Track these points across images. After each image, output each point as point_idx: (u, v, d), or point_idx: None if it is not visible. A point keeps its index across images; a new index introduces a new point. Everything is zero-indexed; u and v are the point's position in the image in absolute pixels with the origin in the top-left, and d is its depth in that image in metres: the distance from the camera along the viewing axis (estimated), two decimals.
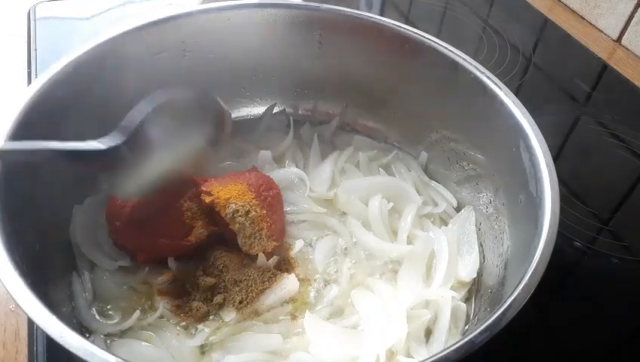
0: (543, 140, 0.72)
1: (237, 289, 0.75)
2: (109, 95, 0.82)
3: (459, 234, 0.85)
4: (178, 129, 0.71)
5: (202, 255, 0.79)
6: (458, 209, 0.91)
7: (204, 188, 0.78)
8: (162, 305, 0.74)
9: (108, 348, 0.69)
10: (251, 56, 0.96)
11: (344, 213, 0.89)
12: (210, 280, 0.75)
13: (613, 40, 1.40)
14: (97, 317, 0.73)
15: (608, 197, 1.02)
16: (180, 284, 0.77)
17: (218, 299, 0.74)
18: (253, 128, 1.02)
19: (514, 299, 0.57)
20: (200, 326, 0.73)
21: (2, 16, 1.31)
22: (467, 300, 0.79)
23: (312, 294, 0.78)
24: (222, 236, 0.80)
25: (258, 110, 1.04)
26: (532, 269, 0.59)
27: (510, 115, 0.76)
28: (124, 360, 0.49)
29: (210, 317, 0.74)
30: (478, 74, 0.82)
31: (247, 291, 0.74)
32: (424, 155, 0.97)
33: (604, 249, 0.92)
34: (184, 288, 0.76)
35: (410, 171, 0.97)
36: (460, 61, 0.84)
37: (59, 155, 0.63)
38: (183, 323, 0.73)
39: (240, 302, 0.74)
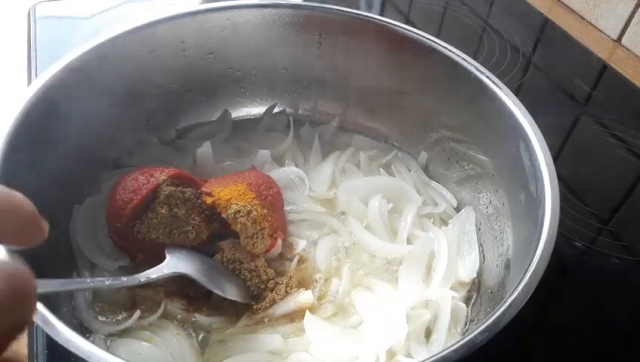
0: (543, 140, 0.72)
1: (262, 293, 0.76)
2: (108, 95, 0.83)
3: (459, 234, 0.85)
4: None
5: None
6: (458, 209, 0.91)
7: (204, 189, 0.78)
8: (168, 304, 0.74)
9: (108, 348, 0.69)
10: (251, 56, 0.96)
11: (344, 213, 0.89)
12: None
13: (613, 40, 1.40)
14: (97, 317, 0.73)
15: (608, 197, 1.02)
16: (182, 283, 0.77)
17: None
18: (253, 128, 1.02)
19: (514, 299, 0.57)
20: (200, 326, 0.73)
21: (2, 16, 1.31)
22: (467, 300, 0.79)
23: (313, 293, 0.78)
24: (222, 235, 0.80)
25: (258, 110, 1.04)
26: (532, 269, 0.59)
27: (510, 115, 0.76)
28: (124, 360, 0.49)
29: (225, 309, 0.74)
30: (478, 74, 0.82)
31: (267, 300, 0.75)
32: (424, 155, 0.97)
33: (604, 249, 0.92)
34: (187, 286, 0.76)
35: (410, 171, 0.97)
36: (460, 61, 0.84)
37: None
38: (184, 324, 0.73)
39: (256, 310, 0.74)
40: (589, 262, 0.91)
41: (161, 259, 0.78)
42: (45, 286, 0.55)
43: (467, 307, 0.78)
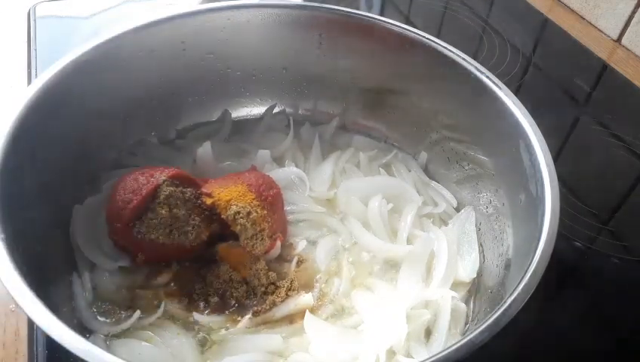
0: (543, 140, 0.72)
1: (262, 296, 0.76)
2: (108, 95, 0.83)
3: (459, 234, 0.85)
4: None
5: (202, 254, 0.79)
6: (458, 209, 0.91)
7: (204, 190, 0.78)
8: (168, 304, 0.74)
9: (108, 348, 0.69)
10: (251, 56, 0.96)
11: (344, 213, 0.89)
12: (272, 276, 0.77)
13: (613, 40, 1.40)
14: (97, 317, 0.73)
15: (608, 197, 1.02)
16: (182, 283, 0.77)
17: (241, 290, 0.75)
18: (253, 128, 1.02)
19: (514, 299, 0.57)
20: (200, 326, 0.73)
21: (2, 16, 1.31)
22: (467, 300, 0.79)
23: (313, 294, 0.78)
24: (222, 235, 0.80)
25: (258, 110, 1.04)
26: (532, 269, 0.59)
27: (510, 115, 0.76)
28: (124, 360, 0.49)
29: (226, 310, 0.75)
30: (478, 74, 0.82)
31: (268, 302, 0.75)
32: (424, 155, 0.97)
33: (604, 249, 0.92)
34: (187, 286, 0.77)
35: (410, 171, 0.97)
36: (460, 61, 0.84)
37: None
38: (184, 324, 0.73)
39: (256, 312, 0.74)
40: (589, 262, 0.91)
41: (161, 259, 0.78)
42: None
43: (467, 307, 0.78)
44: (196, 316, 0.73)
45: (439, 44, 0.87)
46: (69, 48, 0.78)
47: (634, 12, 1.33)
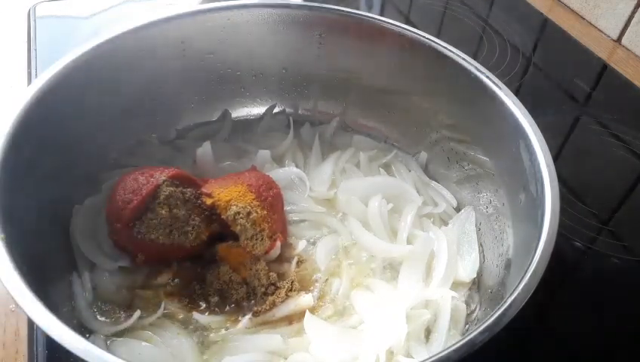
0: (543, 140, 0.72)
1: (262, 296, 0.76)
2: (108, 95, 0.83)
3: (459, 234, 0.85)
4: None
5: (202, 254, 0.79)
6: (458, 209, 0.91)
7: (204, 190, 0.78)
8: (168, 304, 0.74)
9: (108, 348, 0.69)
10: (251, 56, 0.96)
11: (344, 213, 0.89)
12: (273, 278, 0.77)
13: (613, 40, 1.40)
14: (97, 317, 0.73)
15: (608, 197, 1.02)
16: (182, 283, 0.77)
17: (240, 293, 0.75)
18: (253, 128, 1.02)
19: (514, 299, 0.57)
20: (200, 326, 0.73)
21: (2, 16, 1.31)
22: (467, 300, 0.79)
23: (313, 294, 0.78)
24: (222, 235, 0.80)
25: (258, 110, 1.04)
26: (532, 269, 0.59)
27: (510, 115, 0.77)
28: (124, 360, 0.49)
29: (226, 310, 0.75)
30: (478, 74, 0.82)
31: (268, 303, 0.75)
32: (424, 155, 0.98)
33: (604, 249, 0.92)
34: (187, 286, 0.77)
35: (410, 171, 0.97)
36: (460, 61, 0.84)
37: None
38: (184, 324, 0.73)
39: (256, 312, 0.74)
40: (589, 262, 0.91)
41: (161, 259, 0.78)
42: None
43: (467, 307, 0.77)
44: (196, 316, 0.73)
45: (439, 44, 0.87)
46: (69, 48, 0.78)
47: (634, 12, 1.33)
